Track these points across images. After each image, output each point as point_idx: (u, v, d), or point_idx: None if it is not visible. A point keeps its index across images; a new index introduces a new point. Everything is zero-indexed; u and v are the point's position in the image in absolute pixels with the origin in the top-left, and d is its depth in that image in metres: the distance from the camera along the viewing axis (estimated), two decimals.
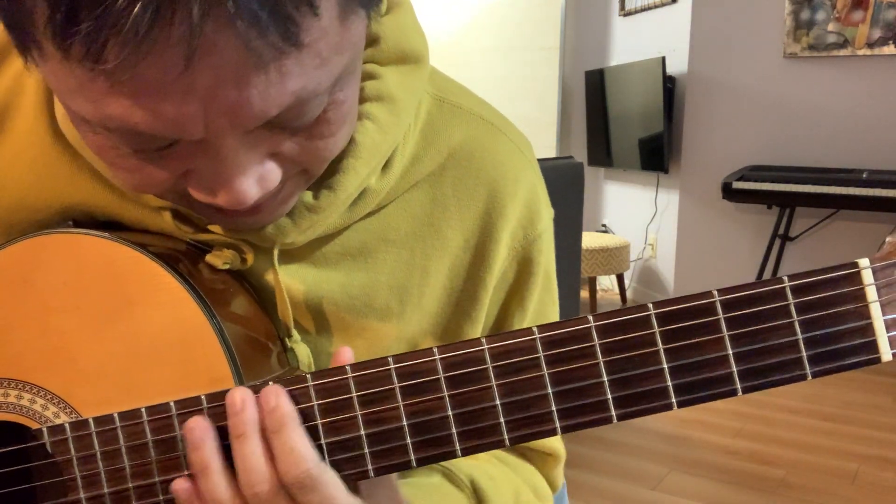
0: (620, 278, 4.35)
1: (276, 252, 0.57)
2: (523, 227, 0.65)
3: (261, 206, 0.49)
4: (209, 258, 0.57)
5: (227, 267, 0.57)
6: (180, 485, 0.48)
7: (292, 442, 0.47)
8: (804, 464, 2.59)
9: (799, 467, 2.57)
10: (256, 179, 0.45)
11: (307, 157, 0.48)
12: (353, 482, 0.50)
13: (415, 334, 0.63)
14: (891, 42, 3.58)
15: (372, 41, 0.57)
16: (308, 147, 0.47)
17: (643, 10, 4.43)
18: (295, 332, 0.59)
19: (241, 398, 0.47)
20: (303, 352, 0.59)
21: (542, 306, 0.69)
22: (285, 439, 0.47)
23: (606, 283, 4.81)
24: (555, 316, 0.71)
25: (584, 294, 4.36)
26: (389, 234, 0.61)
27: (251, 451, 0.47)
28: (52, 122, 0.57)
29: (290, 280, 0.59)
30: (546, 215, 0.67)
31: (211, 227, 0.57)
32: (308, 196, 0.56)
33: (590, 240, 4.16)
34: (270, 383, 0.48)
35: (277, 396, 0.47)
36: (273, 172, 0.46)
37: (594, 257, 4.08)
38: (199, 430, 0.47)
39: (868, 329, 0.45)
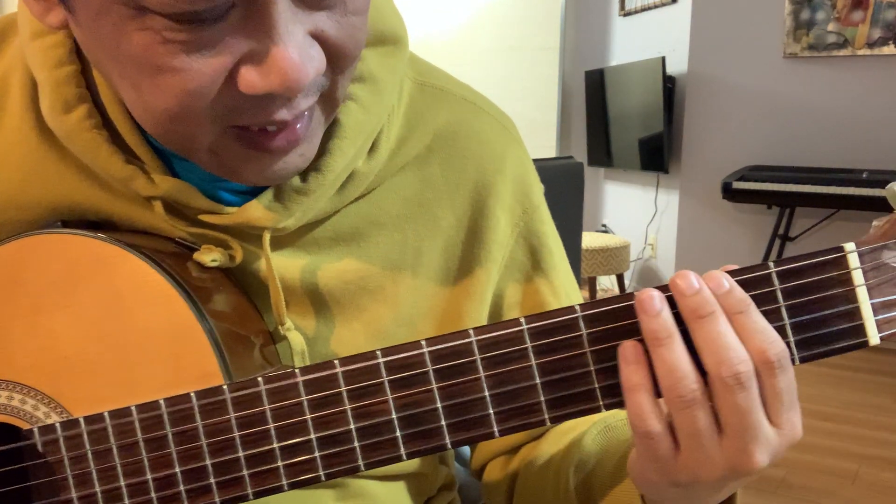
0: (620, 278, 4.35)
1: (267, 237, 0.57)
2: (520, 202, 0.66)
3: (297, 131, 0.50)
4: (197, 256, 0.57)
5: (215, 264, 0.57)
6: (631, 345, 0.45)
7: (762, 320, 0.44)
8: (804, 464, 2.58)
9: (799, 467, 2.56)
10: (307, 58, 0.45)
11: (342, 37, 0.48)
12: (343, 476, 0.49)
13: (412, 316, 0.63)
14: (891, 42, 3.58)
15: None
16: (343, 25, 0.47)
17: (643, 10, 4.43)
18: (288, 320, 0.59)
19: (696, 277, 0.44)
20: (296, 340, 0.59)
21: (566, 275, 0.69)
22: (755, 318, 0.44)
23: (606, 283, 4.81)
24: (575, 283, 0.70)
25: (585, 294, 4.36)
26: (380, 217, 0.62)
27: (722, 331, 0.43)
28: (38, 119, 0.57)
29: (284, 267, 0.59)
30: (538, 187, 0.68)
31: (203, 218, 0.57)
32: (296, 179, 0.56)
33: (590, 240, 4.15)
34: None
35: (729, 280, 0.44)
36: (318, 53, 0.46)
37: (594, 257, 4.08)
38: (658, 297, 0.44)
39: (855, 313, 0.45)
